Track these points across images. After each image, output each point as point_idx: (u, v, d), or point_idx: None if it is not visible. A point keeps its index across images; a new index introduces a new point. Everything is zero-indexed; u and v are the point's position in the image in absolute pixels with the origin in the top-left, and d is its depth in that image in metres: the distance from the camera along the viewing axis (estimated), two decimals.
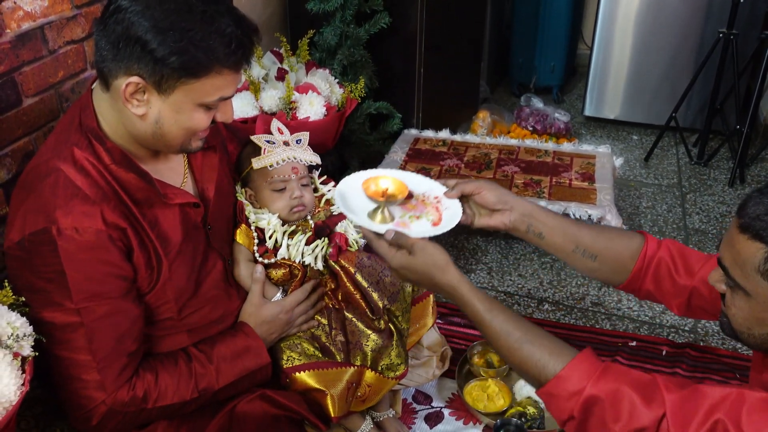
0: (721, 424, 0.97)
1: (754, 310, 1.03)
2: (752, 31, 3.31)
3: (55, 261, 1.19)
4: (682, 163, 3.46)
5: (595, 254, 1.38)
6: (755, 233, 0.98)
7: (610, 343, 2.22)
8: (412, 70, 2.85)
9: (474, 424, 1.92)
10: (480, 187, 1.38)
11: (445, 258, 1.24)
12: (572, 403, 1.08)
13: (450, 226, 1.31)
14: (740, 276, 1.02)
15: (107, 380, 1.26)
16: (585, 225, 1.43)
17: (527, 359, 1.14)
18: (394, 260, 1.27)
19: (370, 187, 1.34)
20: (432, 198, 1.40)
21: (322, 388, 1.52)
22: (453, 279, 1.23)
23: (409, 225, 1.33)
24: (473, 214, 1.42)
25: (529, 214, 1.39)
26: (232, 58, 1.19)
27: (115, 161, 1.26)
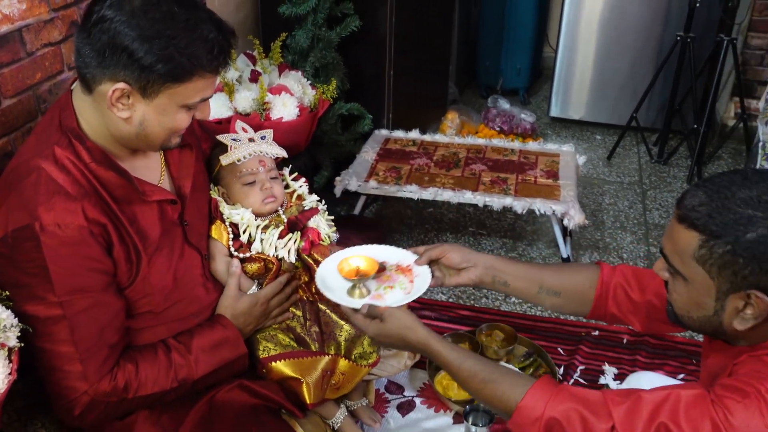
0: (663, 426, 1.04)
1: (691, 294, 1.10)
2: (708, 34, 3.44)
3: (38, 256, 1.23)
4: (643, 161, 3.58)
5: (559, 291, 1.49)
6: (691, 223, 1.05)
7: (574, 332, 2.31)
8: (382, 72, 2.91)
9: (444, 412, 1.99)
10: (444, 251, 1.52)
11: (412, 319, 1.37)
12: (536, 428, 1.16)
13: (421, 292, 1.44)
14: (679, 263, 1.09)
15: (89, 371, 1.29)
16: (545, 266, 1.56)
17: (493, 395, 1.24)
18: (369, 329, 1.39)
19: (343, 268, 1.47)
20: (404, 267, 1.53)
21: (297, 376, 1.58)
22: (422, 336, 1.35)
23: (384, 296, 1.46)
24: (443, 275, 1.55)
25: (492, 267, 1.51)
26: (215, 63, 1.25)
27: (95, 160, 1.30)
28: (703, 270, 1.06)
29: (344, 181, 2.56)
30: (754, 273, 1.01)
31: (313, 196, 1.75)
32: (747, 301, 1.04)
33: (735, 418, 1.00)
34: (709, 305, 1.09)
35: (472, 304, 2.47)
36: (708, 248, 1.03)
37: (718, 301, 1.07)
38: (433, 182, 2.54)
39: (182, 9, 1.22)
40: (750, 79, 3.68)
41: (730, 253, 1.01)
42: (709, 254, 1.04)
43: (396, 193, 2.51)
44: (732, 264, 1.02)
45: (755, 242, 0.99)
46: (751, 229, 0.99)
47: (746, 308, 1.05)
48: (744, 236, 1.00)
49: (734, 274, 1.03)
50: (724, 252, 1.02)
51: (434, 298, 2.50)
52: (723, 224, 1.01)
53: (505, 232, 2.91)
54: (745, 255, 1.00)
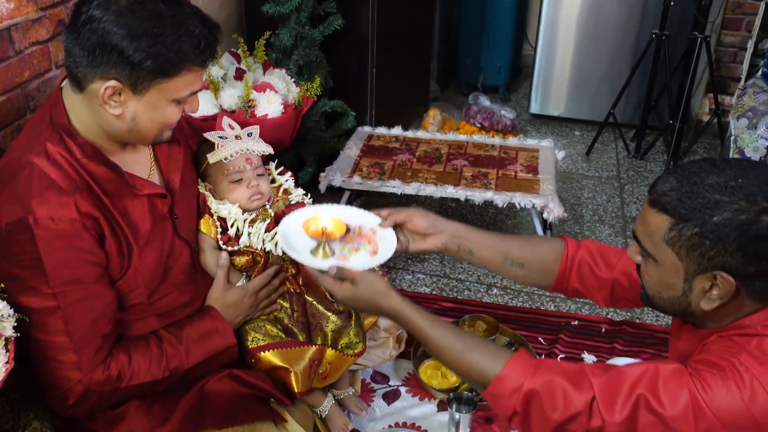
0: (642, 397, 1.09)
1: (662, 275, 1.16)
2: (683, 32, 3.52)
3: (32, 249, 1.26)
4: (621, 156, 3.66)
5: (523, 263, 1.50)
6: (661, 207, 1.11)
7: (554, 323, 2.37)
8: (364, 70, 2.96)
9: (429, 400, 2.04)
10: (410, 215, 1.50)
11: (385, 284, 1.35)
12: (514, 400, 1.18)
13: (388, 256, 1.42)
14: (650, 245, 1.15)
15: (83, 361, 1.32)
16: (510, 237, 1.56)
17: (469, 366, 1.24)
18: (339, 293, 1.37)
19: (309, 226, 1.44)
20: (368, 230, 1.50)
21: (285, 365, 1.62)
22: (395, 303, 1.33)
23: (349, 258, 1.42)
24: (407, 240, 1.52)
25: (458, 234, 1.50)
26: (202, 57, 1.29)
27: (86, 155, 1.34)
28: (672, 252, 1.11)
29: (328, 177, 2.60)
30: (719, 254, 1.06)
31: (299, 190, 1.79)
32: (713, 282, 1.09)
33: (713, 391, 1.04)
34: (678, 286, 1.14)
35: (455, 296, 2.53)
36: (677, 231, 1.09)
37: (687, 282, 1.12)
38: (416, 177, 2.58)
39: (168, 6, 1.26)
40: (723, 76, 3.77)
41: (697, 236, 1.07)
42: (678, 236, 1.09)
43: (379, 188, 2.56)
44: (699, 246, 1.07)
45: (721, 225, 1.04)
46: (717, 213, 1.05)
47: (712, 289, 1.10)
48: (710, 219, 1.05)
49: (701, 256, 1.08)
50: (692, 234, 1.07)
51: (418, 290, 2.55)
52: (691, 208, 1.07)
53: (486, 226, 2.97)
54: (711, 237, 1.05)
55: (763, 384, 1.02)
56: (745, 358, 1.06)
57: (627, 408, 1.10)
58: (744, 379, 1.03)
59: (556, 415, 1.15)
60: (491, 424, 1.95)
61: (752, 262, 1.05)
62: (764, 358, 1.05)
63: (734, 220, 1.04)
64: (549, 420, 1.16)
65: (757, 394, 1.02)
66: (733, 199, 1.05)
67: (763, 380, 1.03)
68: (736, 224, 1.04)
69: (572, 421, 1.14)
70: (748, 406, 1.02)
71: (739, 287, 1.08)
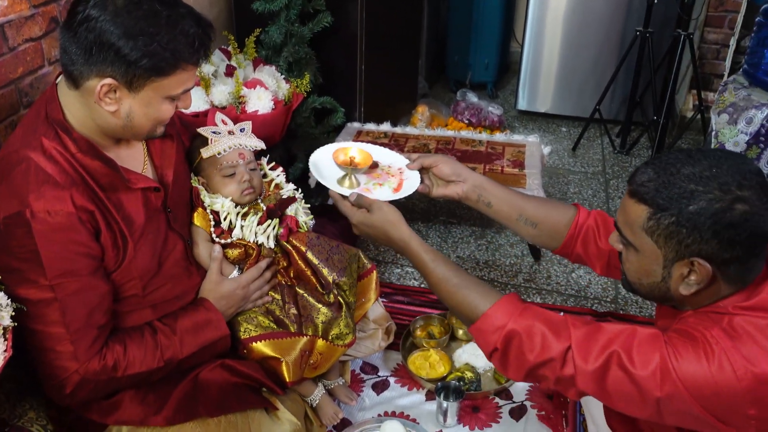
0: (615, 354, 1.14)
1: (642, 263, 1.21)
2: (666, 29, 3.58)
3: (30, 242, 1.28)
4: (606, 152, 3.72)
5: (536, 222, 1.56)
6: (640, 197, 1.16)
7: None
8: (353, 67, 2.99)
9: (417, 390, 2.08)
10: (437, 160, 1.56)
11: (398, 216, 1.42)
12: (496, 337, 1.25)
13: (408, 193, 1.49)
14: (630, 234, 1.20)
15: (80, 351, 1.35)
16: (528, 197, 1.61)
17: (462, 301, 1.32)
18: (354, 217, 1.45)
19: (339, 156, 1.51)
20: (395, 169, 1.57)
21: (277, 355, 1.65)
22: (404, 234, 1.41)
23: (372, 191, 1.50)
24: (431, 184, 1.60)
25: (480, 186, 1.57)
26: (196, 56, 1.32)
27: (81, 150, 1.37)
28: (651, 240, 1.16)
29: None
30: (696, 242, 1.11)
31: (291, 185, 1.82)
32: (691, 268, 1.14)
33: (683, 358, 1.09)
34: (657, 272, 1.19)
35: None
36: (655, 220, 1.14)
37: (665, 268, 1.17)
38: None
39: (163, 6, 1.29)
40: (707, 73, 3.83)
41: (674, 224, 1.12)
42: (657, 225, 1.14)
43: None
44: (676, 234, 1.12)
45: (696, 214, 1.09)
46: (693, 202, 1.10)
47: (690, 275, 1.15)
48: (687, 208, 1.10)
49: (679, 243, 1.13)
50: (669, 223, 1.12)
51: (406, 284, 2.59)
52: (668, 198, 1.12)
53: (474, 221, 3.02)
54: (688, 225, 1.10)
55: (729, 357, 1.07)
56: (716, 332, 1.11)
57: (600, 360, 1.15)
58: (714, 351, 1.09)
59: (532, 357, 1.21)
60: (478, 412, 2.00)
61: (727, 248, 1.10)
62: (735, 333, 1.10)
63: (709, 208, 1.09)
64: (525, 360, 1.22)
65: (724, 366, 1.07)
66: (708, 189, 1.09)
67: (730, 354, 1.08)
68: (711, 212, 1.09)
69: (546, 366, 1.20)
70: (713, 376, 1.07)
71: (716, 273, 1.13)
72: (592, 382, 1.17)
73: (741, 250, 1.11)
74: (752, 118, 2.43)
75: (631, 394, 1.14)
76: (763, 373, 1.06)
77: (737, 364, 1.07)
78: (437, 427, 1.95)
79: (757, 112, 2.41)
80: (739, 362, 1.07)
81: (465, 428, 1.94)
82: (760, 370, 1.06)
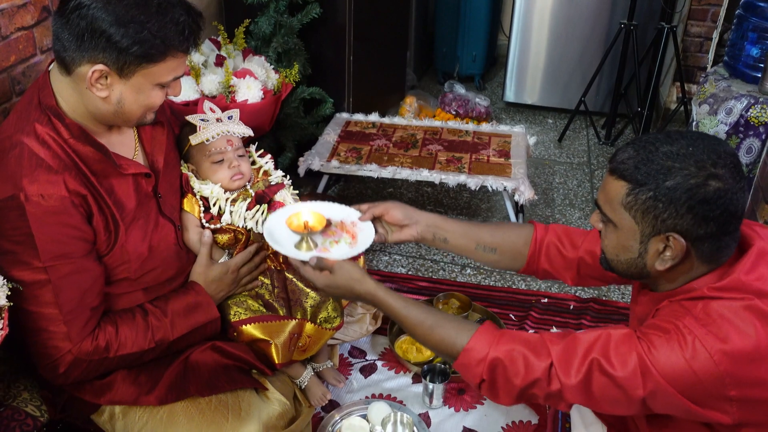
0: (595, 361, 1.19)
1: (620, 238, 1.25)
2: (650, 22, 3.64)
3: (24, 224, 1.32)
4: (592, 143, 3.77)
5: (495, 247, 1.60)
6: (620, 174, 1.20)
7: (524, 300, 2.47)
8: (342, 58, 3.02)
9: (404, 373, 2.13)
10: (387, 208, 1.59)
11: (360, 271, 1.44)
12: (480, 369, 1.28)
13: (366, 246, 1.52)
14: (610, 211, 1.24)
15: (73, 332, 1.39)
16: (482, 224, 1.65)
17: (440, 340, 1.34)
18: (318, 281, 1.46)
19: (292, 221, 1.53)
20: (348, 223, 1.59)
21: (266, 338, 1.69)
22: (370, 287, 1.43)
23: (330, 249, 1.53)
24: (386, 231, 1.62)
25: (433, 224, 1.60)
26: (186, 44, 1.36)
27: (74, 136, 1.40)
28: (629, 215, 1.20)
29: (307, 161, 2.67)
30: (671, 216, 1.16)
31: (279, 172, 1.86)
32: (666, 244, 1.19)
33: (658, 351, 1.14)
34: (634, 248, 1.23)
35: (430, 276, 2.62)
36: (634, 195, 1.18)
37: (642, 243, 1.22)
38: (392, 162, 2.67)
39: None
40: (690, 65, 3.89)
41: (651, 199, 1.16)
42: (635, 200, 1.18)
43: (357, 172, 2.64)
44: (653, 209, 1.17)
45: (672, 189, 1.14)
46: (670, 178, 1.14)
47: (666, 250, 1.20)
48: (663, 184, 1.15)
49: (655, 218, 1.17)
50: (647, 198, 1.17)
51: (395, 270, 2.64)
52: (646, 173, 1.16)
53: (461, 210, 3.06)
54: (664, 200, 1.15)
55: (703, 343, 1.12)
56: (688, 320, 1.15)
57: (582, 371, 1.20)
58: (686, 340, 1.13)
59: (518, 381, 1.25)
60: (463, 394, 2.05)
61: (701, 223, 1.15)
62: (707, 320, 1.14)
63: (684, 184, 1.14)
64: (513, 385, 1.26)
65: (698, 353, 1.12)
66: (684, 165, 1.14)
67: (703, 340, 1.12)
68: (686, 188, 1.13)
69: (534, 386, 1.24)
70: (690, 364, 1.12)
71: (690, 248, 1.18)
72: (579, 393, 1.21)
73: (714, 227, 1.15)
74: (732, 108, 2.48)
75: (617, 396, 1.18)
76: (736, 352, 1.11)
77: (712, 349, 1.11)
78: (423, 408, 2.00)
79: (736, 102, 2.47)
80: (713, 347, 1.11)
81: (450, 410, 1.99)
82: (732, 349, 1.11)
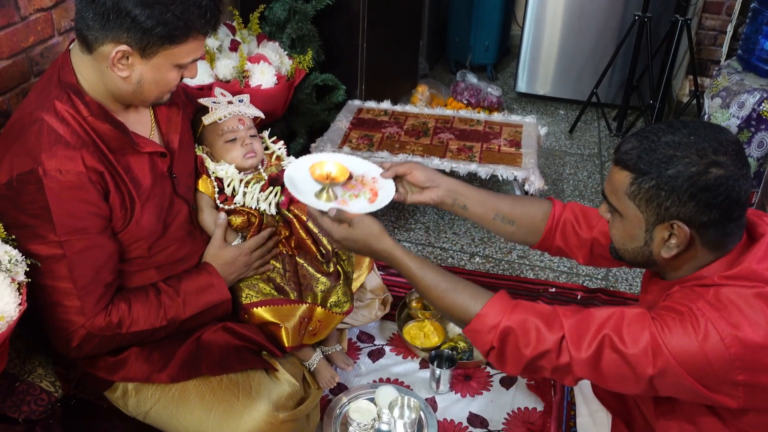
0: (607, 337, 1.19)
1: (626, 227, 1.27)
2: (665, 14, 3.62)
3: (41, 198, 1.34)
4: (603, 135, 3.77)
5: (513, 220, 1.59)
6: (624, 164, 1.22)
7: (532, 290, 2.49)
8: (355, 45, 3.03)
9: (412, 358, 2.15)
10: (411, 167, 1.57)
11: (380, 228, 1.42)
12: (491, 336, 1.28)
13: (384, 203, 1.49)
14: (616, 201, 1.26)
15: (86, 306, 1.42)
16: (503, 195, 1.64)
17: (453, 304, 1.34)
18: (336, 233, 1.43)
19: (315, 170, 1.51)
20: (369, 179, 1.57)
21: (277, 321, 1.72)
22: (387, 245, 1.42)
23: (349, 203, 1.49)
24: (406, 191, 1.60)
25: (454, 189, 1.58)
26: (207, 27, 1.39)
27: (93, 113, 1.42)
28: (634, 204, 1.22)
29: (319, 147, 2.69)
30: (674, 204, 1.17)
31: (291, 157, 1.88)
32: (671, 231, 1.20)
33: (671, 332, 1.15)
34: (640, 237, 1.25)
35: (439, 263, 2.64)
36: (637, 184, 1.20)
37: (647, 232, 1.23)
38: (403, 149, 2.68)
39: None
40: (704, 59, 3.88)
41: (654, 188, 1.18)
42: (638, 189, 1.20)
43: (368, 159, 2.64)
44: (656, 197, 1.18)
45: (674, 177, 1.16)
46: (672, 166, 1.16)
47: (671, 238, 1.21)
48: (666, 172, 1.16)
49: (659, 206, 1.19)
50: (650, 187, 1.18)
51: None
52: (649, 163, 1.18)
53: None
54: (667, 188, 1.17)
55: (716, 326, 1.13)
56: (702, 304, 1.17)
57: (593, 346, 1.20)
58: (699, 322, 1.14)
59: (528, 351, 1.25)
60: (469, 380, 2.07)
61: (704, 211, 1.16)
62: (719, 305, 1.16)
63: (686, 171, 1.15)
64: (522, 355, 1.26)
65: (710, 335, 1.13)
66: (685, 154, 1.16)
67: (716, 323, 1.13)
68: (688, 175, 1.15)
69: (543, 358, 1.25)
70: (702, 346, 1.13)
71: (694, 236, 1.20)
72: (588, 367, 1.22)
73: (717, 213, 1.16)
74: (744, 102, 2.48)
75: (625, 374, 1.19)
76: (747, 338, 1.12)
77: (724, 332, 1.12)
78: (430, 393, 2.02)
79: (749, 96, 2.47)
80: (725, 330, 1.12)
81: (457, 395, 2.01)
82: (743, 335, 1.12)
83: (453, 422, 1.93)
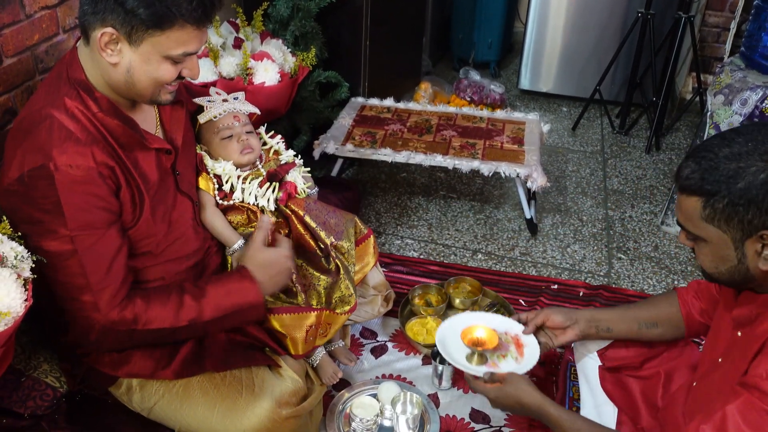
0: None
1: (715, 251, 1.22)
2: (668, 11, 3.61)
3: (53, 193, 1.35)
4: (606, 132, 3.77)
5: (655, 322, 1.62)
6: (690, 190, 1.18)
7: (535, 286, 2.49)
8: (358, 42, 3.04)
9: (415, 354, 2.16)
10: (547, 315, 1.68)
11: (530, 384, 1.52)
12: None
13: (532, 364, 1.62)
14: (693, 228, 1.21)
15: (101, 302, 1.42)
16: (634, 304, 1.69)
17: None
18: (490, 393, 1.56)
19: (466, 336, 1.68)
20: (512, 336, 1.71)
21: (284, 333, 1.71)
22: (537, 399, 1.49)
23: (499, 365, 1.65)
24: (549, 339, 1.70)
25: (592, 318, 1.66)
26: (194, 14, 1.35)
27: (102, 109, 1.43)
28: (713, 227, 1.18)
29: (322, 145, 2.70)
30: (756, 216, 1.12)
31: (290, 151, 1.90)
32: (762, 243, 1.15)
33: None
34: (731, 256, 1.19)
35: (441, 260, 2.65)
36: (711, 207, 1.16)
37: (738, 249, 1.18)
38: (406, 146, 2.69)
39: None
40: (707, 56, 3.87)
41: (729, 205, 1.13)
42: (714, 212, 1.16)
43: (371, 156, 2.66)
44: (735, 214, 1.14)
45: (746, 189, 1.11)
46: (740, 179, 1.12)
47: (764, 249, 1.15)
48: (736, 186, 1.12)
49: (741, 222, 1.14)
50: (725, 205, 1.14)
51: (406, 254, 2.67)
52: (716, 182, 1.14)
53: (473, 196, 3.08)
54: (742, 203, 1.12)
55: None
56: None
57: None
58: None
59: None
60: None
61: None
62: None
63: (756, 180, 1.11)
64: None
65: None
66: (750, 163, 1.12)
67: None
68: (759, 183, 1.10)
69: None
70: None
71: None
72: None
73: None
74: (747, 99, 2.48)
75: None
76: None
77: None
78: (432, 389, 2.03)
79: (751, 93, 2.47)
80: None
81: (459, 391, 2.02)
82: None
83: (455, 418, 1.94)
